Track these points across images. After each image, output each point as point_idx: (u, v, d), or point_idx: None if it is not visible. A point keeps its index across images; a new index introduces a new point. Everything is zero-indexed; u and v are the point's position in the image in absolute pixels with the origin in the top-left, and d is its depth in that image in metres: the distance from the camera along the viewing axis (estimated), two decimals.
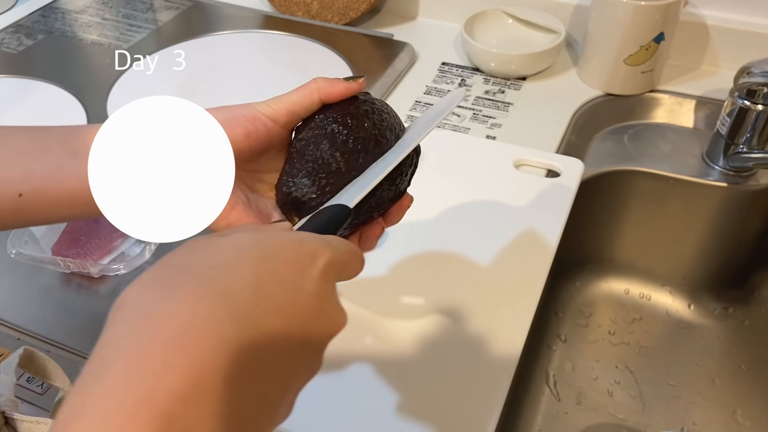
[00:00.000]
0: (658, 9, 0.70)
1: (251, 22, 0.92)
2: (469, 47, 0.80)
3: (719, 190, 0.70)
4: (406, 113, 0.76)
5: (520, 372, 0.49)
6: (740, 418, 0.68)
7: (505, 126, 0.73)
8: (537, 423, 0.68)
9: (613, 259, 0.80)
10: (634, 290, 0.79)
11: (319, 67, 0.82)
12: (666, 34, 0.72)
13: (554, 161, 0.66)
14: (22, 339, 0.52)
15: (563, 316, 0.77)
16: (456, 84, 0.80)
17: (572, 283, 0.79)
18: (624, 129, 0.75)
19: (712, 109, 0.76)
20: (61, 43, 0.90)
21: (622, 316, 0.77)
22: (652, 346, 0.74)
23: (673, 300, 0.78)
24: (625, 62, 0.74)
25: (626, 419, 0.68)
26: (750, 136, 0.66)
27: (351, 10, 0.88)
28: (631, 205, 0.74)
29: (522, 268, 0.55)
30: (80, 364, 0.50)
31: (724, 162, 0.69)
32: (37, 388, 0.48)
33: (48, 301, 0.56)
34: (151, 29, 0.92)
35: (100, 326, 0.55)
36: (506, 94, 0.78)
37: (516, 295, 0.53)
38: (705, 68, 0.81)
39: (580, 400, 0.70)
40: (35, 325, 0.53)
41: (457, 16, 0.86)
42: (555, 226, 0.59)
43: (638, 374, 0.72)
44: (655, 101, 0.77)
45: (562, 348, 0.74)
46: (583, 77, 0.80)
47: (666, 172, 0.71)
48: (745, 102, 0.64)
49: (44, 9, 0.98)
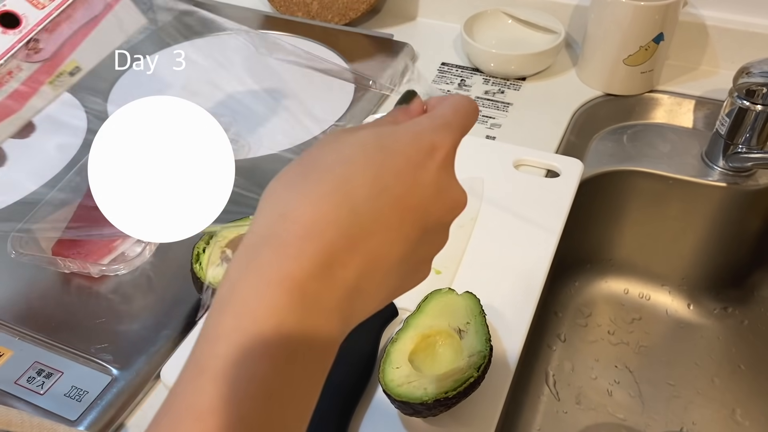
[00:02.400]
0: (658, 9, 0.70)
1: (251, 22, 0.92)
2: (469, 47, 0.80)
3: (718, 190, 0.70)
4: None
5: (519, 372, 0.49)
6: (740, 418, 0.68)
7: (504, 126, 0.74)
8: (537, 422, 0.68)
9: (612, 259, 0.80)
10: (633, 290, 0.79)
11: None
12: (665, 35, 0.72)
13: (554, 161, 0.66)
14: (22, 339, 0.52)
15: (563, 315, 0.77)
16: (456, 84, 0.80)
17: (572, 283, 0.80)
18: (623, 129, 0.76)
19: (711, 109, 0.76)
20: None
21: (622, 315, 0.78)
22: (651, 345, 0.75)
23: (673, 300, 0.78)
24: (625, 62, 0.74)
25: (626, 419, 0.68)
26: (749, 136, 0.66)
27: (351, 11, 0.88)
28: (630, 205, 0.74)
29: (521, 268, 0.55)
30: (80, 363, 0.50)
31: (724, 162, 0.69)
32: (37, 388, 0.48)
33: (48, 301, 0.56)
34: (151, 29, 0.92)
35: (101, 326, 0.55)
36: (506, 95, 0.78)
37: (515, 294, 0.53)
38: (704, 68, 0.81)
39: (579, 400, 0.70)
40: (35, 325, 0.53)
41: (457, 16, 0.86)
42: (554, 226, 0.59)
43: (638, 374, 0.72)
44: (654, 101, 0.77)
45: (562, 348, 0.74)
46: (582, 77, 0.80)
47: (665, 172, 0.71)
48: (744, 102, 0.64)
49: None
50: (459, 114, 0.31)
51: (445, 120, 0.30)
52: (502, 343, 0.49)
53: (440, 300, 0.49)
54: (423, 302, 0.49)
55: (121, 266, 0.56)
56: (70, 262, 0.56)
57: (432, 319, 0.47)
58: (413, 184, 0.27)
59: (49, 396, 0.48)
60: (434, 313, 0.48)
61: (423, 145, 0.28)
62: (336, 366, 0.47)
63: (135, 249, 0.58)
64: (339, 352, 0.48)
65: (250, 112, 0.73)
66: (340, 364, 0.47)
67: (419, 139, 0.28)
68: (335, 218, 0.25)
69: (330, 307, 0.25)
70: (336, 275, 0.24)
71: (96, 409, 0.47)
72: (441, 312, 0.48)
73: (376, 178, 0.26)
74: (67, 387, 0.48)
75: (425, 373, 0.44)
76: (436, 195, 0.27)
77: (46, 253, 0.57)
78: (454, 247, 0.57)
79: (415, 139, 0.28)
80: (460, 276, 0.55)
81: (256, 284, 0.24)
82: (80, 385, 0.49)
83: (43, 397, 0.48)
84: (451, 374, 0.43)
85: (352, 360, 0.47)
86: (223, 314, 0.24)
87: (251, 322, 0.23)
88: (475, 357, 0.44)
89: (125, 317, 0.54)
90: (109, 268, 0.56)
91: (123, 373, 0.49)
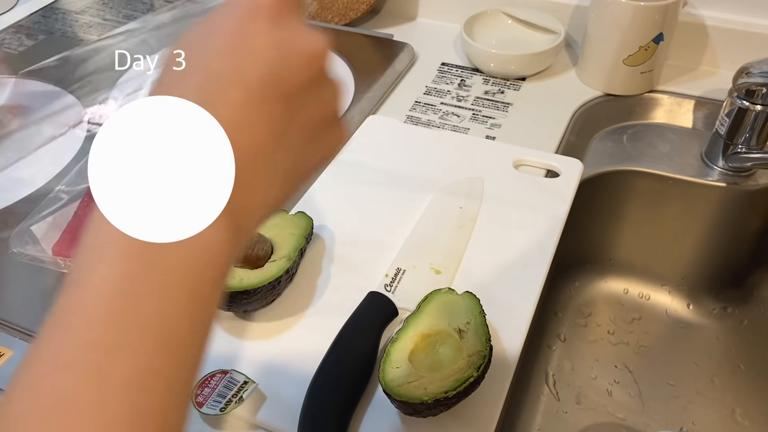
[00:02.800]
0: (657, 9, 0.70)
1: None
2: (469, 48, 0.80)
3: (718, 190, 0.70)
4: (405, 113, 0.76)
5: (519, 372, 0.49)
6: (739, 418, 0.68)
7: (504, 126, 0.74)
8: (536, 422, 0.68)
9: (612, 258, 0.80)
10: (633, 290, 0.79)
11: None
12: (665, 35, 0.72)
13: (553, 161, 0.66)
14: (23, 339, 0.52)
15: (563, 315, 0.77)
16: (456, 84, 0.80)
17: (571, 283, 0.80)
18: (623, 129, 0.76)
19: (711, 109, 0.76)
20: (61, 43, 0.90)
21: (622, 315, 0.78)
22: (651, 345, 0.75)
23: (672, 300, 0.78)
24: (625, 62, 0.74)
25: (625, 419, 0.68)
26: (749, 136, 0.66)
27: (351, 11, 0.88)
28: (630, 205, 0.74)
29: (521, 268, 0.55)
30: None
31: (723, 162, 0.69)
32: None
33: (48, 301, 0.56)
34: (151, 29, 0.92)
35: None
36: (506, 95, 0.78)
37: (515, 294, 0.53)
38: (704, 68, 0.81)
39: (579, 400, 0.70)
40: (35, 325, 0.53)
41: (457, 16, 0.86)
42: (554, 226, 0.59)
43: (637, 374, 0.72)
44: (654, 101, 0.78)
45: (562, 348, 0.74)
46: (582, 77, 0.80)
47: (665, 172, 0.71)
48: (744, 102, 0.64)
49: (45, 10, 0.98)
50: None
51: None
52: (502, 343, 0.49)
53: (440, 300, 0.49)
54: (423, 302, 0.49)
55: None
56: (71, 261, 0.56)
57: (432, 318, 0.47)
58: (243, 50, 0.25)
59: None
60: (434, 313, 0.48)
61: (244, 5, 0.26)
62: (336, 365, 0.47)
63: None
64: (339, 352, 0.48)
65: None
66: (340, 363, 0.47)
67: (240, 2, 0.26)
68: (199, 93, 0.24)
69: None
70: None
71: None
72: (441, 312, 0.48)
73: (200, 59, 0.25)
74: None
75: (425, 373, 0.44)
76: (278, 54, 0.25)
77: (46, 253, 0.57)
78: (454, 247, 0.57)
79: (236, 2, 0.26)
80: (460, 276, 0.55)
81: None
82: None
83: None
84: (451, 374, 0.43)
85: (351, 359, 0.47)
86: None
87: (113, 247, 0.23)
88: (475, 357, 0.44)
89: None
90: None
91: None
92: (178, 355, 0.23)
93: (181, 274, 0.23)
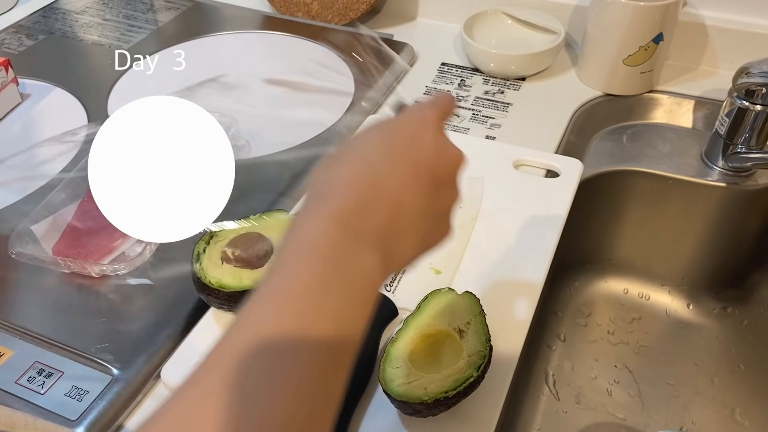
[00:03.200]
0: (657, 9, 0.70)
1: (251, 23, 0.92)
2: (469, 48, 0.80)
3: (718, 190, 0.70)
4: None
5: (519, 371, 0.49)
6: (739, 417, 0.68)
7: (504, 126, 0.74)
8: (536, 422, 0.68)
9: (612, 258, 0.80)
10: (633, 290, 0.79)
11: (319, 67, 0.82)
12: (665, 35, 0.72)
13: (553, 161, 0.66)
14: (23, 339, 0.52)
15: (562, 315, 0.77)
16: (456, 84, 0.80)
17: (571, 283, 0.80)
18: (623, 129, 0.76)
19: (710, 109, 0.76)
20: (61, 43, 0.90)
21: (622, 315, 0.78)
22: (651, 345, 0.75)
23: (672, 299, 0.78)
24: (624, 62, 0.74)
25: (625, 418, 0.68)
26: (748, 136, 0.66)
27: (351, 11, 0.88)
28: (630, 205, 0.75)
29: (521, 268, 0.55)
30: (80, 363, 0.50)
31: (723, 162, 0.69)
32: (38, 388, 0.49)
33: (48, 301, 0.56)
34: (151, 30, 0.92)
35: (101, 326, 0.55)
36: (505, 95, 0.78)
37: (515, 294, 0.53)
38: (704, 68, 0.81)
39: (579, 400, 0.70)
40: (35, 325, 0.53)
41: (457, 16, 0.86)
42: (554, 225, 0.59)
43: (637, 374, 0.72)
44: (654, 101, 0.78)
45: (562, 347, 0.74)
46: (582, 77, 0.80)
47: (665, 172, 0.71)
48: (743, 102, 0.64)
49: (45, 9, 0.98)
50: (438, 99, 0.39)
51: (429, 102, 0.38)
52: (502, 343, 0.49)
53: (440, 300, 0.49)
54: (423, 302, 0.49)
55: (121, 266, 0.56)
56: (71, 262, 0.56)
57: (432, 318, 0.47)
58: (416, 145, 0.34)
59: (49, 396, 0.48)
60: (434, 313, 0.48)
61: (416, 120, 0.35)
62: None
63: (135, 249, 0.58)
64: None
65: (250, 112, 0.74)
66: None
67: (413, 117, 0.36)
68: (361, 177, 0.32)
69: (370, 240, 0.30)
70: (369, 213, 0.31)
71: (96, 408, 0.47)
72: (441, 312, 0.48)
73: (386, 146, 0.34)
74: (68, 387, 0.49)
75: (425, 372, 0.44)
76: (437, 152, 0.34)
77: (46, 253, 0.57)
78: (454, 247, 0.57)
79: (410, 118, 0.36)
80: (460, 276, 0.55)
81: (312, 221, 0.30)
82: (80, 385, 0.49)
83: (44, 396, 0.48)
84: (451, 374, 0.43)
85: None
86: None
87: (314, 252, 0.29)
88: (475, 357, 0.44)
89: (125, 317, 0.54)
90: (109, 268, 0.56)
91: (123, 372, 0.49)
92: (350, 354, 0.29)
93: (357, 285, 0.30)
